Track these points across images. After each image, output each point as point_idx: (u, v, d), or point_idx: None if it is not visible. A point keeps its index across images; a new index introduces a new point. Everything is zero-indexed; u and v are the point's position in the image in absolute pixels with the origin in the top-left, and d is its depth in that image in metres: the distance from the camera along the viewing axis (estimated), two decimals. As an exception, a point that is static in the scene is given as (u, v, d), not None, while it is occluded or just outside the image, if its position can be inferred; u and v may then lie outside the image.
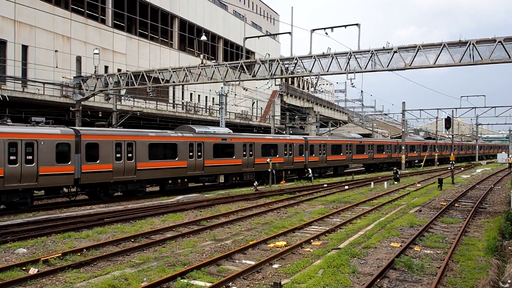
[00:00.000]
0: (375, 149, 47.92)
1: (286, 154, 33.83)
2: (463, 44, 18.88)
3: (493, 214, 19.43)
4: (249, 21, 65.64)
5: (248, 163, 30.12)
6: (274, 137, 34.13)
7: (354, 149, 43.63)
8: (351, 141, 43.39)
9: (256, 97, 57.92)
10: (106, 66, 38.68)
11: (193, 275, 9.96)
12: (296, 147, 35.06)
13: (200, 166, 26.59)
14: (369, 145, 46.89)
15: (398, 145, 52.49)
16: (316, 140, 38.94)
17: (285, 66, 23.16)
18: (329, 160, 39.60)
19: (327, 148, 39.03)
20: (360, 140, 45.41)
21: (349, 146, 42.76)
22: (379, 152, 48.98)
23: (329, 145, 39.52)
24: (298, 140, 36.00)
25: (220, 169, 28.31)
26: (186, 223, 16.39)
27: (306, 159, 36.00)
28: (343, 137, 44.01)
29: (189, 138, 26.10)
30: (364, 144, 45.59)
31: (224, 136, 28.68)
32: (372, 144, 47.56)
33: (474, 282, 9.79)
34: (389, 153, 51.37)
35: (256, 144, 31.12)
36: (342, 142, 42.18)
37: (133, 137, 23.12)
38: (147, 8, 44.19)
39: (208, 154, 27.07)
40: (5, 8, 30.86)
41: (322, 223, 17.09)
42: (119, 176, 22.40)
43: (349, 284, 9.51)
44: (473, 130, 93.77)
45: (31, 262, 10.82)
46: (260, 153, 31.19)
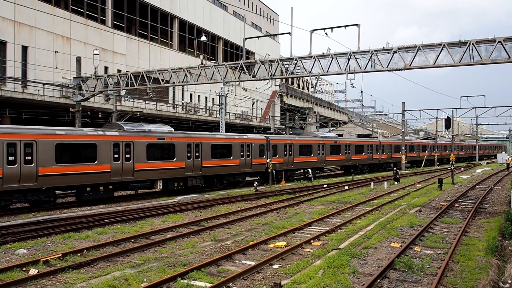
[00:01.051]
0: (353, 150, 44.01)
1: (242, 156, 29.94)
2: (463, 44, 18.87)
3: (493, 214, 19.43)
4: (249, 22, 65.67)
5: (193, 166, 26.28)
6: (227, 136, 30.03)
7: (328, 149, 39.52)
8: (324, 140, 39.20)
9: (256, 97, 57.94)
10: (106, 66, 38.69)
11: (193, 275, 9.96)
12: (256, 148, 31.24)
13: (128, 171, 22.63)
14: (346, 145, 42.87)
15: (381, 145, 49.13)
16: (280, 139, 34.84)
17: (285, 67, 23.16)
18: (296, 162, 35.56)
19: (294, 149, 35.20)
20: (335, 139, 41.70)
21: (322, 146, 38.57)
22: (358, 152, 44.97)
23: (297, 145, 35.57)
24: (258, 139, 32.14)
25: (157, 174, 24.30)
26: (186, 223, 16.39)
27: (268, 160, 32.08)
28: (315, 136, 39.98)
29: (113, 137, 22.21)
30: (339, 144, 41.53)
31: (161, 135, 24.86)
32: (349, 144, 43.57)
33: (475, 282, 9.79)
34: (369, 154, 47.18)
35: (204, 144, 27.27)
36: (313, 142, 37.87)
37: (34, 136, 19.10)
38: (147, 8, 44.21)
39: (140, 156, 23.28)
40: (5, 9, 30.86)
41: (322, 223, 17.09)
42: (12, 184, 18.22)
43: (349, 284, 9.51)
44: (473, 130, 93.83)
45: (31, 263, 10.82)
46: (209, 155, 27.42)
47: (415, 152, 59.48)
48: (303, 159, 36.36)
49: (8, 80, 30.85)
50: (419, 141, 63.27)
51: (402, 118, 54.22)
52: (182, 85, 27.50)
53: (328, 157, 39.81)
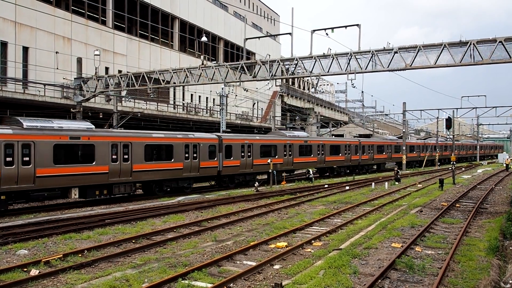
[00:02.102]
0: (328, 150, 39.72)
1: (187, 158, 26.07)
2: (463, 44, 18.86)
3: (494, 215, 19.41)
4: (250, 22, 65.68)
5: (120, 170, 22.46)
6: (166, 136, 25.78)
7: (296, 150, 35.34)
8: (291, 140, 35.08)
9: (257, 98, 57.92)
10: (107, 67, 38.71)
11: (194, 276, 9.96)
12: (204, 149, 27.28)
13: (28, 177, 18.75)
14: (319, 145, 38.53)
15: (361, 145, 44.95)
16: (236, 139, 30.29)
17: (285, 67, 23.15)
18: (257, 165, 31.48)
19: (254, 150, 31.05)
20: (305, 139, 37.29)
21: (289, 146, 34.52)
22: (333, 153, 40.66)
23: (257, 146, 31.36)
24: (208, 139, 27.94)
25: (70, 180, 20.47)
26: (187, 224, 16.39)
27: (220, 163, 28.30)
28: (281, 135, 35.82)
29: (5, 136, 18.29)
30: (311, 144, 37.32)
31: (75, 134, 20.86)
32: (323, 144, 39.06)
33: (475, 283, 9.78)
34: (347, 155, 42.64)
35: (135, 144, 23.34)
36: (277, 141, 33.71)
37: None
38: (147, 9, 44.23)
39: (45, 159, 19.40)
40: (5, 10, 30.90)
41: (323, 223, 17.09)
42: None
43: (350, 284, 9.51)
44: (474, 130, 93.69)
45: (32, 263, 10.83)
46: (141, 157, 23.54)
47: (410, 152, 56.72)
48: (265, 161, 31.73)
49: (9, 81, 30.89)
50: (412, 142, 59.98)
51: (403, 118, 54.28)
52: (183, 85, 27.52)
53: (297, 159, 35.53)
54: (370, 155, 47.06)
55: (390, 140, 53.49)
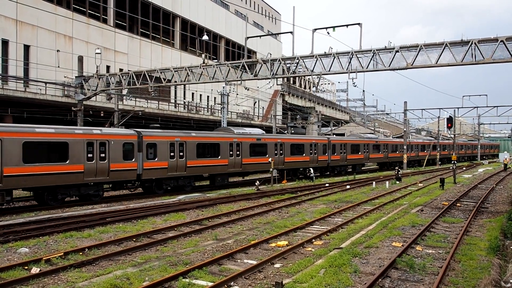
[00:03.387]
0: (288, 150, 34.50)
1: (91, 159, 20.98)
2: (465, 43, 18.85)
3: (495, 214, 19.40)
4: (251, 21, 65.65)
5: None
6: (58, 131, 20.04)
7: (247, 149, 30.22)
8: (240, 138, 29.85)
9: (258, 96, 57.91)
10: (108, 65, 38.74)
11: (195, 274, 9.97)
12: (117, 148, 22.19)
13: None
14: (277, 144, 33.38)
15: (330, 144, 39.70)
16: (163, 136, 24.83)
17: (286, 66, 23.15)
18: (192, 167, 26.10)
19: (188, 149, 25.76)
20: (258, 137, 31.93)
21: (237, 145, 29.38)
22: (296, 153, 35.45)
23: (192, 144, 26.09)
24: (121, 135, 22.90)
25: None
26: (188, 222, 16.41)
27: (139, 165, 23.16)
28: (227, 132, 30.32)
29: None
30: (265, 143, 32.20)
31: None
32: (281, 143, 33.90)
33: (476, 282, 9.78)
34: (313, 155, 37.41)
35: (7, 141, 17.96)
36: (220, 139, 28.35)
37: None
38: (148, 7, 44.25)
39: None
40: (7, 8, 30.94)
41: (324, 222, 17.09)
42: None
43: (351, 283, 9.51)
44: (475, 129, 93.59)
45: (33, 262, 10.85)
46: (19, 158, 18.28)
47: (399, 151, 52.81)
48: (205, 162, 27.04)
49: (10, 79, 30.94)
50: (395, 140, 55.29)
51: (404, 117, 54.24)
52: (184, 84, 27.51)
53: (248, 159, 30.32)
54: (343, 155, 41.65)
55: (368, 138, 47.58)
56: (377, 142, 48.57)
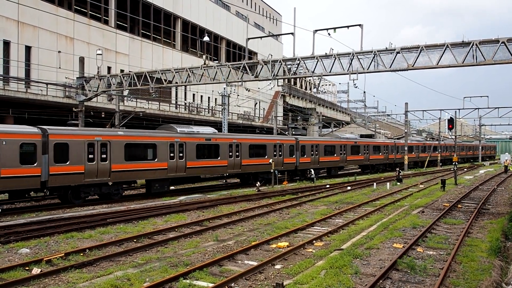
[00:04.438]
0: (246, 151, 30.24)
1: None
2: (466, 44, 18.84)
3: (496, 215, 19.38)
4: (252, 22, 65.70)
5: None
6: None
7: (192, 151, 26.14)
8: (183, 138, 25.85)
9: (259, 97, 57.90)
10: (109, 66, 38.78)
11: (196, 275, 9.97)
12: (12, 149, 18.26)
13: None
14: (232, 145, 29.04)
15: (298, 145, 35.60)
16: (75, 135, 20.88)
17: (287, 67, 23.15)
18: (119, 172, 22.23)
19: (113, 150, 21.93)
20: (207, 136, 27.64)
21: (180, 146, 25.44)
22: (256, 155, 31.33)
23: (119, 145, 22.23)
24: (19, 134, 18.77)
25: None
26: (189, 223, 16.41)
27: (44, 170, 19.22)
28: (169, 132, 26.11)
29: None
30: (217, 144, 28.04)
31: None
32: (237, 143, 29.50)
33: (477, 284, 9.76)
34: (278, 157, 33.20)
35: None
36: (157, 139, 24.35)
37: None
38: (149, 8, 44.30)
39: None
40: (8, 9, 30.99)
41: (325, 224, 17.08)
42: None
43: (352, 285, 9.50)
44: (476, 131, 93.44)
45: (34, 262, 10.85)
46: None
47: (382, 153, 49.23)
48: (137, 166, 23.21)
49: (11, 80, 30.98)
50: (377, 141, 51.88)
51: (405, 118, 54.20)
52: (185, 85, 27.53)
53: (194, 163, 26.30)
54: (314, 157, 37.41)
55: (346, 138, 43.38)
56: (357, 143, 44.35)
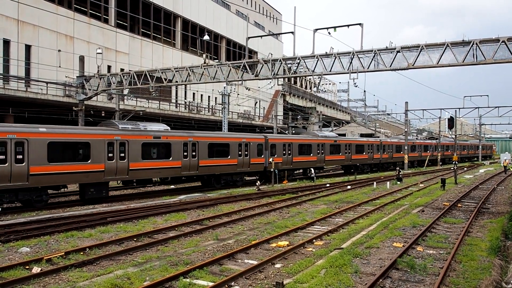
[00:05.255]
0: (204, 151, 26.60)
1: None
2: (466, 44, 18.83)
3: (496, 215, 19.38)
4: (252, 21, 65.65)
5: None
6: None
7: (137, 150, 22.79)
8: (127, 135, 22.52)
9: (259, 97, 57.92)
10: (109, 65, 38.78)
11: (196, 274, 9.97)
12: None
13: None
14: (187, 143, 25.56)
15: (268, 142, 31.95)
16: None
17: (287, 66, 23.15)
18: (40, 175, 18.95)
19: (33, 150, 18.70)
20: (156, 134, 24.18)
21: (121, 144, 22.13)
22: (217, 155, 27.63)
23: (40, 144, 19.01)
24: None
25: None
26: (189, 222, 16.41)
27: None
28: (107, 128, 22.73)
29: None
30: (168, 142, 24.55)
31: None
32: (194, 142, 26.02)
33: (477, 283, 9.77)
34: (243, 158, 29.59)
35: None
36: (91, 137, 20.95)
37: None
38: (150, 7, 44.28)
39: None
40: (8, 8, 30.98)
41: (325, 223, 17.08)
42: None
43: (352, 284, 9.51)
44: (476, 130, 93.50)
45: (34, 261, 10.86)
46: None
47: (366, 153, 45.61)
48: (65, 168, 19.93)
49: (11, 79, 30.98)
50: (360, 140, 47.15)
51: (405, 117, 54.20)
52: (185, 84, 27.52)
53: (139, 164, 22.92)
54: (287, 157, 33.88)
55: (324, 137, 39.59)
56: (337, 142, 40.84)
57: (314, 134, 40.17)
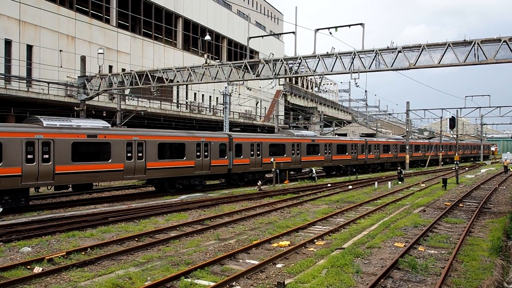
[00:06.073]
0: (153, 152, 23.57)
1: None
2: (467, 43, 18.81)
3: (498, 214, 19.35)
4: (253, 21, 65.65)
5: None
6: None
7: (66, 151, 19.79)
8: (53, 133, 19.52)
9: (260, 96, 57.92)
10: (111, 65, 38.81)
11: (197, 274, 9.97)
12: None
13: None
14: (132, 142, 22.46)
15: (232, 142, 28.74)
16: None
17: (289, 66, 23.15)
18: None
19: None
20: (91, 132, 20.92)
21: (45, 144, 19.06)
22: (169, 157, 24.73)
23: None
24: None
25: None
26: (190, 222, 16.42)
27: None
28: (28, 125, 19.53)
29: None
30: (107, 142, 21.43)
31: None
32: (140, 141, 22.92)
33: (479, 283, 9.76)
34: (202, 159, 26.37)
35: None
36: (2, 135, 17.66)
37: None
38: (151, 7, 44.30)
39: None
40: (10, 8, 31.03)
41: (326, 223, 17.07)
42: None
43: (353, 284, 9.50)
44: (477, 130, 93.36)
45: (35, 261, 10.87)
46: None
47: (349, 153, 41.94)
48: None
49: (13, 79, 31.02)
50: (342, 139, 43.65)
51: (406, 117, 54.15)
52: (186, 84, 27.54)
53: (69, 167, 19.84)
54: (255, 158, 30.61)
55: (300, 136, 36.33)
56: (315, 141, 37.32)
57: (289, 133, 36.69)
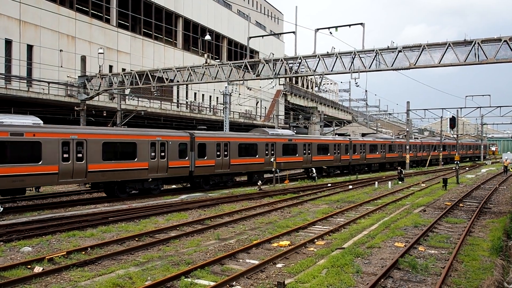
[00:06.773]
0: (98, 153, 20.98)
1: None
2: (468, 43, 18.80)
3: (498, 214, 19.35)
4: (253, 21, 65.65)
5: None
6: None
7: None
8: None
9: (260, 96, 57.93)
10: (111, 65, 38.82)
11: (197, 274, 9.97)
12: None
13: None
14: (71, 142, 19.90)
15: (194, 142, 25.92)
16: None
17: (289, 66, 23.15)
18: None
19: None
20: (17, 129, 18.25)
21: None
22: (118, 158, 22.10)
23: None
24: None
25: None
26: (190, 222, 16.42)
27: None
28: None
29: None
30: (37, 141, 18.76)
31: None
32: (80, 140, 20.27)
33: (479, 283, 9.75)
34: (157, 161, 23.74)
35: None
36: None
37: None
38: (151, 7, 44.30)
39: None
40: (10, 8, 31.03)
41: (326, 222, 17.08)
42: None
43: (353, 284, 9.50)
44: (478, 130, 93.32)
45: (36, 261, 10.87)
46: None
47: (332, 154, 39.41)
48: None
49: (13, 79, 31.02)
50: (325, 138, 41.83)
51: (407, 117, 54.13)
52: (187, 84, 27.55)
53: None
54: (221, 159, 27.82)
55: (276, 135, 33.71)
56: (292, 141, 34.48)
57: (263, 132, 33.59)
